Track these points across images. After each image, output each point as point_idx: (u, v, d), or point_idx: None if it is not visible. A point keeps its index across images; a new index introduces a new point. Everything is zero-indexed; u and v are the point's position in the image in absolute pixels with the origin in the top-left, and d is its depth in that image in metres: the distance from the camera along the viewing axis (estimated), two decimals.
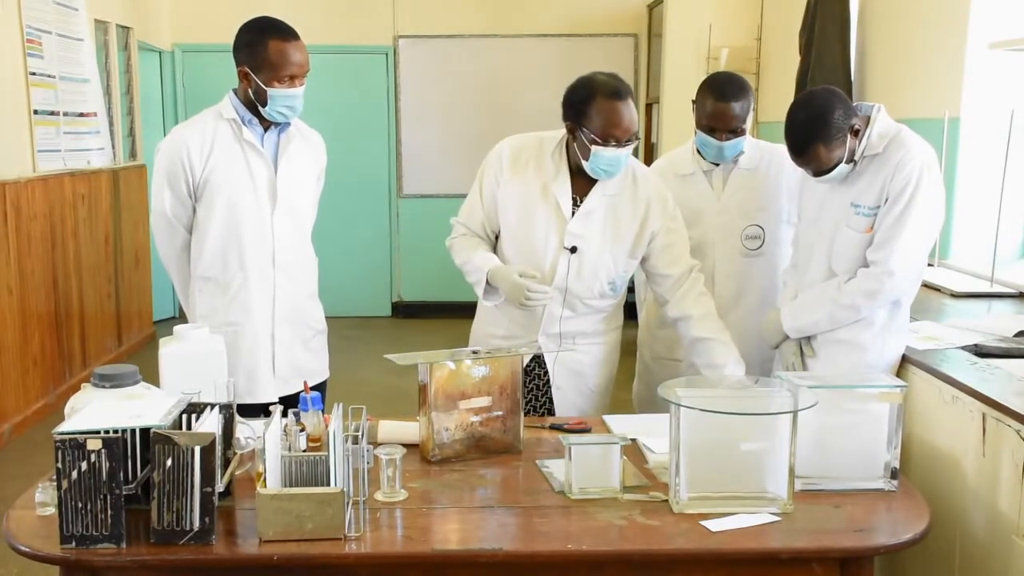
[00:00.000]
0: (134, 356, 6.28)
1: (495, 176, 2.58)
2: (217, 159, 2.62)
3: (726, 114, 2.66)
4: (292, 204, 2.71)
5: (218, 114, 2.66)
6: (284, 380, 2.75)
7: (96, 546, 1.68)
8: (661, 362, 2.91)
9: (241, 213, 2.64)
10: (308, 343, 2.85)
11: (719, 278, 2.80)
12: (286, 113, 2.61)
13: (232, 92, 2.67)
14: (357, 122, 7.57)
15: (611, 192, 2.54)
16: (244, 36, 2.59)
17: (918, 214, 2.36)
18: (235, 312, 2.68)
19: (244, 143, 2.64)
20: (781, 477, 1.89)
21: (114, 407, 1.80)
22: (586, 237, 2.53)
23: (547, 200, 2.54)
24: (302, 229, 2.80)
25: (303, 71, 2.59)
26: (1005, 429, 2.08)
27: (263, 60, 2.54)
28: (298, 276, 2.78)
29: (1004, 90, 3.78)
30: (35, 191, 5.09)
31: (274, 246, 2.68)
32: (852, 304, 2.43)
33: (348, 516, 1.77)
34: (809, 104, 2.39)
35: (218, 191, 2.62)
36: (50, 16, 5.34)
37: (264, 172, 2.66)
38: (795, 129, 2.39)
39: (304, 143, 2.78)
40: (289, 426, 1.88)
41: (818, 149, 2.35)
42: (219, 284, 2.68)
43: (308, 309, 2.85)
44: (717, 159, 2.77)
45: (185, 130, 2.67)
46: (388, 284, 7.86)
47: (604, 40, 7.33)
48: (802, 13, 5.24)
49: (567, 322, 2.61)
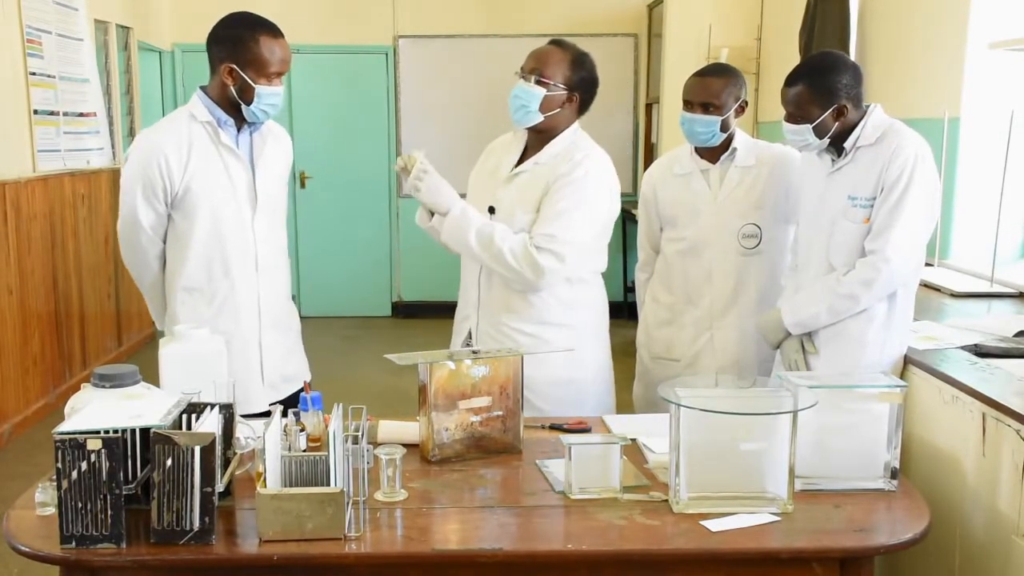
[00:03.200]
0: (134, 356, 6.28)
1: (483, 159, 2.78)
2: (196, 166, 2.50)
3: (698, 86, 2.72)
4: (270, 206, 2.64)
5: (191, 116, 2.53)
6: (273, 386, 2.67)
7: (96, 546, 1.68)
8: (660, 362, 2.91)
9: (223, 220, 2.54)
10: (292, 347, 2.78)
11: (716, 277, 2.80)
12: (269, 111, 2.52)
13: (201, 91, 2.55)
14: (357, 122, 7.58)
15: (544, 159, 2.59)
16: (228, 31, 2.48)
17: (914, 202, 2.37)
18: (224, 322, 2.56)
19: (222, 147, 2.53)
20: (781, 477, 1.89)
21: (114, 407, 1.80)
22: (503, 199, 2.59)
23: (497, 160, 2.69)
24: (279, 230, 2.72)
25: (287, 68, 2.52)
26: (1005, 429, 2.09)
27: (252, 56, 2.44)
28: (278, 278, 2.71)
29: (1004, 90, 3.78)
30: (35, 191, 5.10)
31: (256, 251, 2.60)
32: (851, 294, 2.43)
33: (348, 516, 1.77)
34: (830, 55, 2.57)
35: (200, 200, 2.51)
36: (50, 16, 5.34)
37: (243, 176, 2.56)
38: (802, 62, 2.56)
39: (275, 141, 2.69)
40: (289, 426, 1.88)
41: (804, 90, 2.44)
42: (204, 294, 2.58)
43: (288, 311, 2.79)
44: (691, 138, 2.77)
45: (159, 136, 2.52)
46: (388, 284, 7.86)
47: (604, 40, 7.33)
48: (802, 13, 5.25)
49: (488, 291, 2.63)
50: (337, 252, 7.75)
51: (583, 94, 2.59)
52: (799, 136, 2.47)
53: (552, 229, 2.49)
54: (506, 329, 2.61)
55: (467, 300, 2.73)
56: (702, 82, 2.73)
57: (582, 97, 2.59)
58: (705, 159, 2.81)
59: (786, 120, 2.49)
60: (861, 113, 2.45)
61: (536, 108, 2.54)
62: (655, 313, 2.94)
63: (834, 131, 2.44)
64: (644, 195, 2.96)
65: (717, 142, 2.75)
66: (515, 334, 2.60)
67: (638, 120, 7.58)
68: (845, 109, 2.42)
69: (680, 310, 2.87)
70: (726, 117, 2.70)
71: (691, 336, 2.85)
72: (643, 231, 3.00)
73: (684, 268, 2.85)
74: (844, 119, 2.43)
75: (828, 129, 2.43)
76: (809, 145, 2.48)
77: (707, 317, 2.82)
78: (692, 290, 2.84)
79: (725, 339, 2.81)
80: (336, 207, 7.69)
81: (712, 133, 2.72)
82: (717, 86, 2.70)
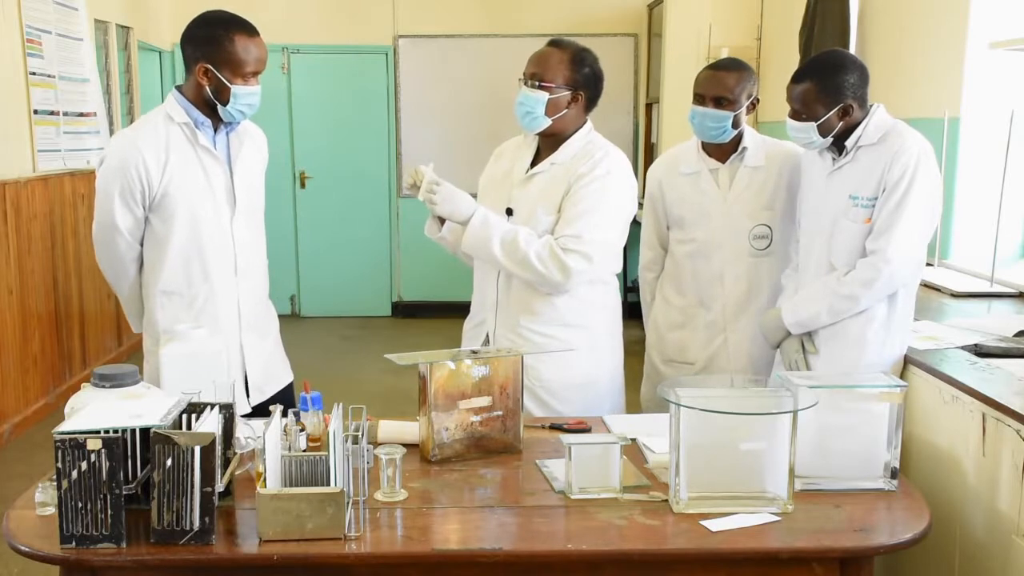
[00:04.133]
0: (134, 356, 6.28)
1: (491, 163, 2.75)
2: (174, 168, 2.46)
3: (711, 79, 2.69)
4: (249, 206, 2.62)
5: (167, 117, 2.49)
6: (257, 388, 2.65)
7: (96, 546, 1.69)
8: (673, 365, 2.88)
9: (202, 223, 2.51)
10: (273, 349, 2.76)
11: (728, 279, 2.78)
12: (246, 111, 2.50)
13: (177, 91, 2.52)
14: (357, 122, 7.57)
15: (560, 159, 2.57)
16: (203, 30, 2.44)
17: (915, 202, 2.36)
18: (204, 325, 2.50)
19: (199, 148, 2.49)
20: (781, 477, 1.89)
21: (114, 407, 1.80)
22: (521, 200, 2.57)
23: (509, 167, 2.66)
24: (257, 231, 2.69)
25: (263, 67, 2.50)
26: (1005, 429, 2.09)
27: (227, 55, 2.41)
28: (257, 280, 2.69)
29: (1004, 90, 3.78)
30: (35, 191, 5.10)
31: (235, 253, 2.57)
32: (851, 294, 2.43)
33: (348, 516, 1.77)
34: (838, 53, 2.59)
35: (177, 203, 2.47)
36: (50, 16, 5.34)
37: (221, 178, 2.54)
38: (810, 59, 2.56)
39: (251, 142, 2.67)
40: (289, 426, 1.88)
41: (811, 87, 2.43)
42: (183, 298, 2.54)
43: (268, 313, 2.77)
44: (702, 134, 2.73)
45: (136, 138, 2.47)
46: (388, 284, 7.86)
47: (604, 40, 7.32)
48: (802, 13, 5.25)
49: (507, 294, 2.60)
50: (337, 252, 7.75)
51: (588, 91, 2.56)
52: (803, 134, 2.46)
53: (577, 229, 2.45)
54: (524, 332, 2.58)
55: (483, 305, 2.69)
56: (715, 76, 2.69)
57: (588, 94, 2.56)
58: (713, 157, 2.78)
59: (791, 117, 2.48)
60: (864, 113, 2.45)
61: (542, 113, 2.51)
62: (666, 315, 2.91)
63: (838, 130, 2.44)
64: (650, 193, 2.92)
65: (727, 138, 2.71)
66: (533, 336, 2.57)
67: (638, 120, 7.58)
68: (851, 108, 2.41)
69: (692, 313, 2.84)
70: (738, 113, 2.67)
71: (705, 339, 2.82)
72: (650, 229, 2.95)
73: (694, 270, 2.82)
74: (849, 118, 2.43)
75: (832, 128, 2.43)
76: (813, 143, 2.48)
77: (720, 320, 2.80)
78: (704, 292, 2.81)
79: (739, 341, 2.79)
80: (336, 207, 7.69)
81: (724, 128, 2.68)
82: (731, 80, 2.66)
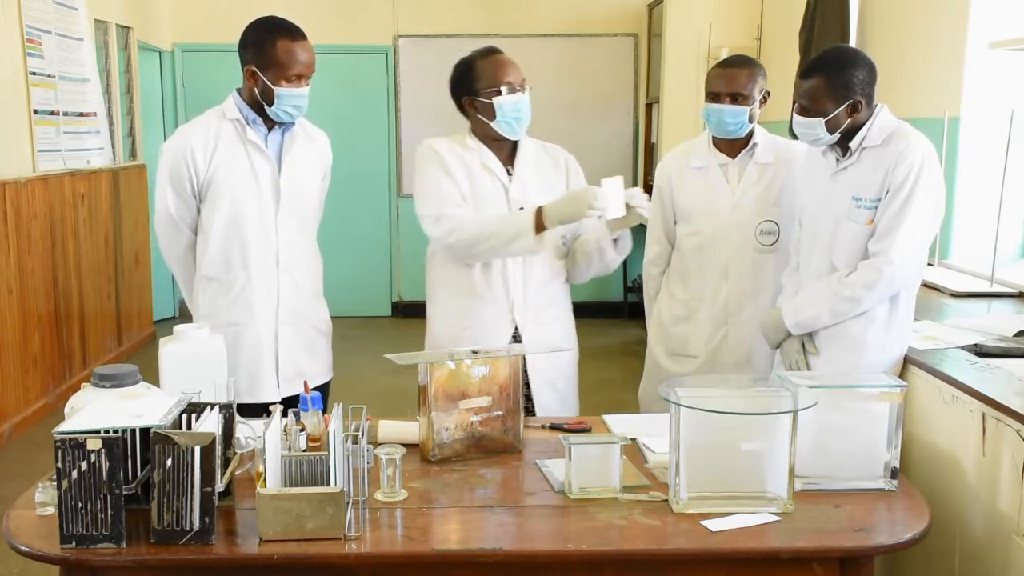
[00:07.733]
0: (134, 356, 6.28)
1: (439, 162, 2.69)
2: (221, 159, 2.62)
3: (726, 77, 2.73)
4: (296, 204, 2.72)
5: (222, 114, 2.67)
6: (287, 380, 2.75)
7: (96, 546, 1.69)
8: (677, 359, 2.89)
9: (244, 213, 2.65)
10: (312, 344, 2.84)
11: (733, 274, 2.79)
12: (292, 112, 2.62)
13: (236, 92, 2.68)
14: (357, 122, 7.57)
15: (531, 157, 2.70)
16: (251, 35, 2.60)
17: (919, 204, 2.36)
18: (237, 312, 2.68)
19: (248, 143, 2.64)
20: (781, 477, 1.89)
21: (114, 407, 1.80)
22: (528, 197, 2.63)
23: (487, 173, 2.67)
24: (306, 229, 2.81)
25: (310, 71, 2.61)
26: (1005, 429, 2.08)
27: (271, 59, 2.55)
28: (302, 276, 2.78)
29: (1004, 90, 3.78)
30: (35, 191, 5.09)
31: (278, 246, 2.69)
32: (853, 296, 2.43)
33: (348, 516, 1.77)
34: (848, 49, 2.65)
35: (221, 191, 2.63)
36: (50, 16, 5.34)
37: (268, 172, 2.66)
38: (819, 55, 2.55)
39: (309, 142, 2.79)
40: (289, 426, 1.88)
41: (820, 83, 2.42)
42: (222, 284, 2.69)
43: (313, 309, 2.86)
44: (719, 130, 2.76)
45: (189, 130, 2.68)
46: (388, 284, 7.86)
47: (604, 40, 7.33)
48: (802, 13, 5.25)
49: (532, 289, 2.67)
50: (337, 252, 7.70)
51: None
52: (810, 130, 2.45)
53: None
54: (547, 319, 2.71)
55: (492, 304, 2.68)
56: (730, 73, 2.73)
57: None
58: (724, 153, 2.81)
59: (798, 113, 2.47)
60: (871, 111, 2.45)
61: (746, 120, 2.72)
62: (670, 309, 2.91)
63: (845, 127, 2.43)
64: (659, 187, 2.93)
65: (744, 133, 2.76)
66: (555, 323, 2.73)
67: (638, 120, 7.57)
68: (859, 105, 2.40)
69: (695, 306, 2.85)
70: (753, 107, 2.72)
71: (708, 332, 2.83)
72: (657, 224, 2.95)
73: (700, 263, 2.83)
74: (856, 115, 2.42)
75: (840, 124, 2.42)
76: (819, 140, 2.47)
77: (723, 313, 2.81)
78: (708, 286, 2.82)
79: (739, 335, 2.80)
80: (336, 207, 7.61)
81: (741, 124, 2.73)
82: (744, 76, 2.71)
